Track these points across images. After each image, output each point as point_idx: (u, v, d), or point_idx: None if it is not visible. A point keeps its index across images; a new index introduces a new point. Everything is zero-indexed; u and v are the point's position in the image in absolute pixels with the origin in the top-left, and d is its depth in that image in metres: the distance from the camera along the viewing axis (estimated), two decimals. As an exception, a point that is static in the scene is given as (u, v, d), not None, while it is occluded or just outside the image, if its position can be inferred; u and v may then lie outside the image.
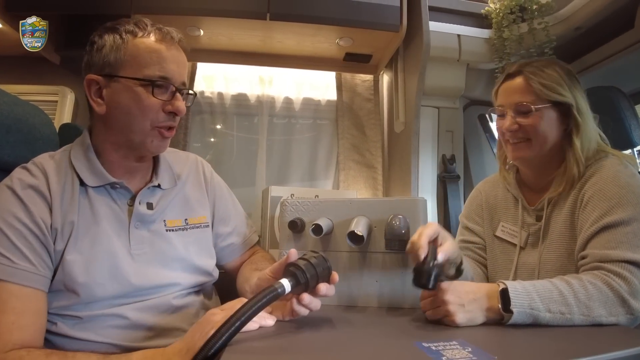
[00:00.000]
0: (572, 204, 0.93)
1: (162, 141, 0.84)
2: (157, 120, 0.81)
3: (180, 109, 0.82)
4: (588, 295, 0.73)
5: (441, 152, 1.84)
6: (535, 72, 0.95)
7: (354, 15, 1.49)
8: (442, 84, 1.76)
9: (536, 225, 1.00)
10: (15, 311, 0.68)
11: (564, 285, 0.74)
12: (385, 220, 0.86)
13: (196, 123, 1.90)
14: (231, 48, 1.75)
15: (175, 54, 0.83)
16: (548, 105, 0.94)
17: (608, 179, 0.88)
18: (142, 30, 0.81)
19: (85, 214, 0.79)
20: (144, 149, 0.83)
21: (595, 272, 0.78)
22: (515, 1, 1.63)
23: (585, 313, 0.71)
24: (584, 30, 1.55)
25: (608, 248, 0.80)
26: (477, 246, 1.12)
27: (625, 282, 0.75)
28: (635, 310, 0.73)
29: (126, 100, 0.79)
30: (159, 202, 0.88)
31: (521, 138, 0.97)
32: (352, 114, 1.92)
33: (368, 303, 0.89)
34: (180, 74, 0.83)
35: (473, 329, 0.71)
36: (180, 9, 1.45)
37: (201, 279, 0.90)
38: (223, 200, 1.03)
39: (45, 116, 1.06)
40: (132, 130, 0.81)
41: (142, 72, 0.79)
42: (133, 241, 0.82)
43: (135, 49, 0.80)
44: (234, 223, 1.04)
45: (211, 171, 1.05)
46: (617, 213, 0.82)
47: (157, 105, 0.80)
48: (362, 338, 0.66)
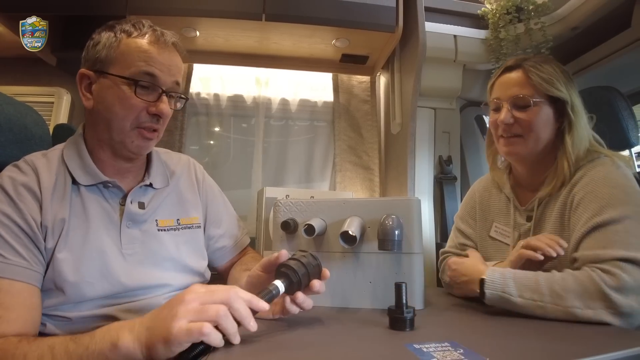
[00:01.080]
0: (562, 205, 0.92)
1: (144, 142, 0.83)
2: (138, 121, 0.81)
3: (164, 111, 0.81)
4: (563, 286, 0.75)
5: (438, 153, 1.83)
6: (535, 65, 0.95)
7: (350, 16, 1.49)
8: (439, 84, 1.76)
9: (526, 225, 0.99)
10: (3, 306, 0.67)
11: (545, 275, 0.77)
12: (379, 220, 0.86)
13: (192, 124, 1.90)
14: (227, 49, 1.75)
15: (167, 55, 0.82)
16: (545, 100, 0.94)
17: (599, 180, 0.87)
18: (137, 31, 0.82)
19: (76, 212, 0.78)
20: (124, 149, 0.83)
21: (585, 267, 0.78)
22: (512, 1, 1.62)
23: (557, 302, 0.74)
24: (581, 30, 1.55)
25: (599, 248, 0.79)
26: (469, 248, 1.11)
27: (613, 277, 0.73)
28: (618, 306, 0.71)
29: (110, 97, 0.80)
30: (150, 201, 0.87)
31: (515, 133, 0.96)
32: (349, 116, 1.92)
33: (361, 304, 0.88)
34: (170, 76, 0.83)
35: (465, 330, 0.71)
36: (175, 9, 1.46)
37: (193, 279, 0.89)
38: (215, 202, 1.03)
39: (38, 116, 1.05)
40: (112, 128, 0.80)
41: (129, 71, 0.79)
42: (124, 240, 0.81)
43: (126, 47, 0.80)
44: (225, 225, 1.03)
45: (203, 172, 1.05)
46: (607, 212, 0.81)
47: (140, 105, 0.80)
48: (353, 339, 0.65)
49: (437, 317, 0.82)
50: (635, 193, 0.84)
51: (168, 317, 0.55)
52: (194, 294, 0.58)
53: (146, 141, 0.83)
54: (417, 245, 0.86)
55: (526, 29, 1.58)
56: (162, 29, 0.85)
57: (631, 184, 0.86)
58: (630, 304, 0.72)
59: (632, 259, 0.75)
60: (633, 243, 0.77)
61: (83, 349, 0.58)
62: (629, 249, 0.76)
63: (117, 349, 0.56)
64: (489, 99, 1.03)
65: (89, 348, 0.58)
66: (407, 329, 0.68)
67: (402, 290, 0.69)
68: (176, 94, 0.86)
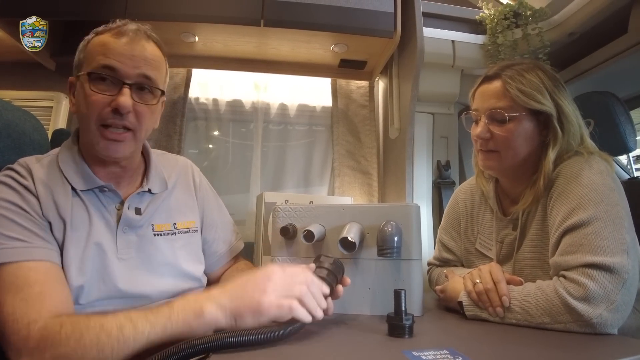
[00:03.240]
0: (543, 209, 0.90)
1: (109, 144, 0.77)
2: (100, 118, 0.76)
3: (121, 104, 0.75)
4: (532, 302, 0.75)
5: (436, 158, 1.83)
6: (514, 76, 0.89)
7: (348, 21, 1.50)
8: (437, 90, 1.77)
9: (512, 234, 0.97)
10: (38, 282, 0.66)
11: (517, 291, 0.78)
12: (378, 226, 0.85)
13: (191, 129, 1.90)
14: (226, 54, 1.76)
15: (128, 46, 0.77)
16: (524, 113, 0.89)
17: (571, 179, 0.84)
18: (107, 29, 0.81)
19: (77, 216, 0.77)
20: (97, 152, 0.79)
21: (554, 278, 0.77)
22: (509, 7, 1.64)
23: (528, 320, 0.75)
24: (578, 35, 1.56)
25: (568, 253, 0.77)
26: (453, 264, 1.11)
27: (579, 288, 0.72)
28: (586, 318, 0.70)
29: (79, 98, 0.80)
30: (147, 207, 0.87)
31: (491, 149, 0.93)
32: (348, 121, 1.92)
33: (360, 311, 0.87)
34: (134, 67, 0.77)
35: (465, 338, 0.71)
36: (175, 15, 1.46)
37: (189, 284, 0.88)
38: (211, 207, 1.02)
39: (37, 121, 1.05)
40: (83, 130, 0.81)
41: (89, 66, 0.77)
42: (120, 245, 0.81)
43: (91, 46, 0.80)
44: (220, 230, 1.03)
45: (200, 176, 1.04)
46: (577, 214, 0.79)
47: (100, 100, 0.76)
48: (352, 346, 0.65)
49: (435, 323, 0.82)
50: (607, 191, 0.80)
51: (256, 291, 0.65)
52: (278, 273, 0.68)
53: (112, 143, 0.77)
54: (416, 252, 0.86)
55: (523, 35, 1.59)
56: (139, 24, 0.82)
57: (603, 182, 0.81)
58: (599, 313, 0.70)
59: (598, 264, 0.72)
60: (601, 246, 0.74)
61: (165, 319, 0.62)
62: (597, 252, 0.73)
63: (201, 317, 0.62)
64: (471, 109, 0.99)
65: (172, 318, 0.62)
66: (406, 336, 0.68)
67: (401, 298, 0.69)
68: (146, 84, 0.80)
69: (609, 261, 0.72)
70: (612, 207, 0.78)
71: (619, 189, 0.83)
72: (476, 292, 0.82)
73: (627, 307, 0.72)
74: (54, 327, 0.60)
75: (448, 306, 0.92)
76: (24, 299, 0.64)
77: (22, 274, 0.66)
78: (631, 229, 0.79)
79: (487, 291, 0.80)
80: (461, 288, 0.86)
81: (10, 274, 0.66)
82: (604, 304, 0.70)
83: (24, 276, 0.66)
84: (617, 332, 0.72)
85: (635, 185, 1.49)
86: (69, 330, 0.60)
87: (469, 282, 0.85)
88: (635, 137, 1.38)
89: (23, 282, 0.65)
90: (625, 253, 0.74)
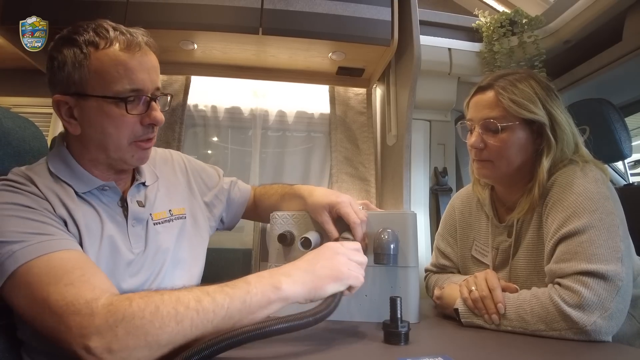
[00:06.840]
0: (538, 217, 0.90)
1: (144, 153, 0.82)
2: (134, 136, 0.78)
3: (158, 119, 0.79)
4: (528, 310, 0.76)
5: (433, 164, 1.85)
6: (506, 87, 0.90)
7: (346, 30, 1.51)
8: (434, 97, 1.78)
9: (507, 241, 0.97)
10: (77, 267, 0.62)
11: (513, 299, 0.79)
12: (375, 234, 0.86)
13: (190, 136, 1.91)
14: (225, 62, 1.77)
15: (142, 60, 0.77)
16: (517, 123, 0.90)
17: (566, 187, 0.84)
18: (103, 40, 0.74)
19: (87, 216, 0.76)
20: (124, 165, 0.82)
21: (549, 285, 0.78)
22: (506, 15, 1.65)
23: (523, 327, 0.76)
24: (574, 43, 1.58)
25: (563, 261, 0.78)
26: (450, 270, 1.12)
27: (573, 295, 0.72)
28: (581, 325, 0.70)
29: (99, 119, 0.75)
30: (146, 198, 0.88)
31: (485, 158, 0.94)
32: (345, 127, 1.93)
33: (356, 317, 0.87)
34: (152, 81, 0.78)
35: (460, 345, 0.71)
36: (174, 23, 1.47)
37: (187, 273, 0.89)
38: (204, 171, 1.06)
39: (36, 129, 1.05)
40: (108, 149, 0.78)
41: (111, 89, 0.74)
42: (132, 240, 0.81)
43: (98, 63, 0.73)
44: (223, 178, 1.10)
45: (180, 155, 1.06)
46: (572, 223, 0.79)
47: (133, 120, 0.77)
48: (347, 353, 0.65)
49: (431, 330, 0.82)
50: (602, 199, 0.80)
51: (334, 263, 0.70)
52: (343, 248, 0.74)
53: (146, 152, 0.82)
54: (413, 259, 0.86)
55: (519, 42, 1.61)
56: (127, 27, 0.78)
57: (598, 190, 0.82)
58: (594, 320, 0.70)
59: (593, 271, 0.73)
60: (596, 254, 0.74)
61: (244, 292, 0.61)
62: (592, 260, 0.74)
63: (280, 290, 0.63)
64: (465, 118, 0.99)
65: (250, 292, 0.61)
66: (402, 343, 0.68)
67: (397, 305, 0.69)
68: (160, 95, 0.81)
69: (604, 269, 0.73)
70: (606, 216, 0.79)
71: (614, 197, 0.84)
72: (472, 299, 0.82)
73: (621, 315, 0.72)
74: (123, 302, 0.56)
75: (445, 313, 0.93)
76: (69, 284, 0.59)
77: (56, 264, 0.62)
78: (626, 237, 0.80)
79: (482, 298, 0.81)
80: (457, 295, 0.87)
81: (43, 267, 0.61)
82: (598, 312, 0.71)
83: (59, 266, 0.62)
84: (612, 339, 0.73)
85: (631, 191, 1.50)
86: (141, 303, 0.56)
87: (464, 289, 0.85)
88: (630, 144, 1.39)
89: (61, 271, 0.61)
90: (619, 261, 0.74)
